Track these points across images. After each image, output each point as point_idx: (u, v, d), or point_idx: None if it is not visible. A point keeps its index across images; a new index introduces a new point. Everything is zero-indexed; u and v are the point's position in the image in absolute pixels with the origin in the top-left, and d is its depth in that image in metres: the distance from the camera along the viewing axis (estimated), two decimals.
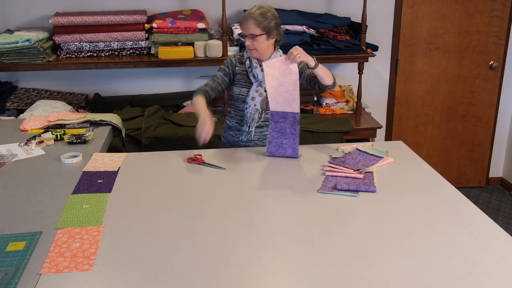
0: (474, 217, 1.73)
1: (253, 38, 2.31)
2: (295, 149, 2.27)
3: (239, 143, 2.51)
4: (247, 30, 2.32)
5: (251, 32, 2.31)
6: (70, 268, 1.44)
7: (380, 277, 1.38)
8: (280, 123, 2.25)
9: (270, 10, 2.34)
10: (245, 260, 1.48)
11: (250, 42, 2.33)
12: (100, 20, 3.22)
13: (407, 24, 3.83)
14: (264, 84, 2.38)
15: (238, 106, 2.48)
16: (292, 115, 2.25)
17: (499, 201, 4.14)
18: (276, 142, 2.26)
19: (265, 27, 2.30)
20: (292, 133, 2.26)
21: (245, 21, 2.31)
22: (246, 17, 2.31)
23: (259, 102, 2.41)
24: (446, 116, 4.11)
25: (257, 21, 2.28)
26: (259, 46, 2.34)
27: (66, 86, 3.62)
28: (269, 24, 2.30)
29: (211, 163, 2.21)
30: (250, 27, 2.30)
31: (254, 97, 2.42)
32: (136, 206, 1.83)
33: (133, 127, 3.07)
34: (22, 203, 1.84)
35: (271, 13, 2.32)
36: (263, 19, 2.28)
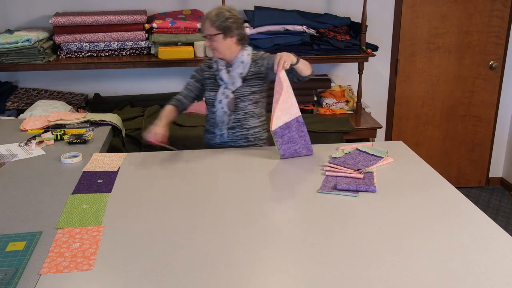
0: (474, 217, 1.73)
1: (210, 38, 2.33)
2: (309, 148, 2.30)
3: (215, 145, 2.53)
4: (204, 31, 2.35)
5: (208, 32, 2.34)
6: (70, 268, 1.44)
7: (380, 277, 1.38)
8: (286, 135, 2.24)
9: (229, 10, 2.35)
10: (245, 260, 1.48)
11: (209, 43, 2.36)
12: (100, 20, 3.22)
13: (407, 24, 3.83)
14: (230, 86, 2.40)
15: (210, 109, 2.50)
16: (295, 121, 2.25)
17: (499, 201, 4.14)
18: (289, 152, 2.26)
19: (219, 26, 2.30)
20: (301, 136, 2.27)
21: (203, 22, 2.35)
22: (203, 18, 2.35)
23: (225, 104, 2.41)
24: (446, 116, 4.11)
25: (212, 21, 2.31)
26: (218, 46, 2.35)
27: (66, 86, 3.62)
28: (224, 23, 2.30)
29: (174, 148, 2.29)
30: (206, 27, 2.34)
31: (221, 100, 2.42)
32: (136, 206, 1.83)
33: (133, 127, 3.07)
34: (22, 203, 1.84)
35: (229, 13, 2.33)
36: (217, 19, 2.30)
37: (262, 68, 2.41)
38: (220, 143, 2.51)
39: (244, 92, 2.41)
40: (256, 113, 2.48)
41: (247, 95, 2.42)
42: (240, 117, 2.44)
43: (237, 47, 2.40)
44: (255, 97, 2.45)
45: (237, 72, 2.39)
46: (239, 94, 2.41)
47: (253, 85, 2.43)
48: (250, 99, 2.43)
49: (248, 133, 2.47)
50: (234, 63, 2.40)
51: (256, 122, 2.49)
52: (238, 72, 2.39)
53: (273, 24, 3.29)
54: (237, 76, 2.39)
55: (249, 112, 2.44)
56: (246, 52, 2.41)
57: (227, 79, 2.39)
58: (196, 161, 2.26)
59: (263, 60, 2.41)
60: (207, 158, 2.30)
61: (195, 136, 3.02)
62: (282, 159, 2.27)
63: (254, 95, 2.44)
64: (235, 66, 2.39)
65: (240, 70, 2.39)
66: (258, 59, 2.42)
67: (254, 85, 2.43)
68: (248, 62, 2.41)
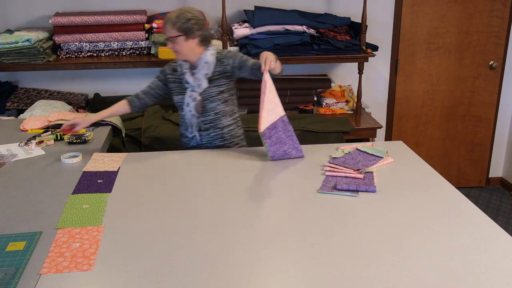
0: (474, 217, 1.73)
1: (172, 40, 2.31)
2: (298, 149, 2.27)
3: (192, 148, 2.52)
4: (166, 33, 2.33)
5: (169, 34, 2.31)
6: (70, 268, 1.44)
7: (380, 277, 1.38)
8: (273, 136, 2.22)
9: (190, 11, 2.32)
10: (245, 260, 1.48)
11: (171, 45, 2.34)
12: (100, 20, 3.22)
13: (407, 24, 3.83)
14: (197, 89, 2.38)
15: (180, 113, 2.50)
16: (280, 120, 2.24)
17: (499, 201, 4.14)
18: (278, 153, 2.25)
19: (180, 28, 2.28)
20: (288, 136, 2.25)
21: (164, 25, 2.32)
22: (164, 21, 2.32)
23: (193, 107, 2.40)
24: (446, 116, 4.11)
25: (172, 23, 2.29)
26: (180, 48, 2.33)
27: (66, 86, 3.62)
28: (185, 25, 2.28)
29: None
30: (167, 30, 2.31)
31: (188, 103, 2.41)
32: (136, 206, 1.83)
33: (133, 127, 3.07)
34: (22, 203, 1.84)
35: (190, 14, 2.31)
36: (178, 21, 2.28)
37: (227, 67, 2.39)
38: (196, 146, 2.50)
39: (211, 92, 2.39)
40: (228, 112, 2.46)
41: (215, 95, 2.40)
42: (212, 117, 2.43)
43: (200, 48, 2.37)
44: (224, 96, 2.42)
45: (202, 73, 2.37)
46: (206, 95, 2.39)
47: (220, 84, 2.40)
48: (218, 99, 2.41)
49: (222, 132, 2.46)
50: (198, 65, 2.37)
51: (229, 120, 2.47)
52: (203, 73, 2.37)
53: (273, 24, 3.29)
54: (203, 78, 2.37)
55: (220, 112, 2.43)
56: (210, 52, 2.38)
57: (193, 81, 2.38)
58: (196, 161, 2.26)
59: (229, 59, 2.39)
60: (208, 158, 2.30)
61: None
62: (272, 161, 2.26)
63: (223, 94, 2.42)
64: (200, 67, 2.37)
65: (205, 71, 2.37)
66: (223, 58, 2.40)
67: (221, 85, 2.40)
68: (213, 62, 2.38)
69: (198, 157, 2.32)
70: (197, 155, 2.35)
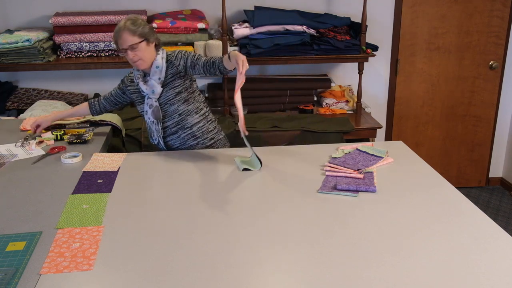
0: (474, 217, 1.73)
1: (134, 48, 2.24)
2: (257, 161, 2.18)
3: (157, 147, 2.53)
4: (125, 43, 2.23)
5: (130, 43, 2.22)
6: (70, 268, 1.44)
7: (380, 277, 1.38)
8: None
9: (138, 17, 2.29)
10: (245, 260, 1.48)
11: (132, 54, 2.25)
12: (100, 20, 3.22)
13: (407, 24, 3.83)
14: (152, 95, 2.36)
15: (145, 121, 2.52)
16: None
17: (499, 201, 4.14)
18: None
19: (141, 33, 2.24)
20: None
21: (119, 35, 2.23)
22: (119, 32, 2.23)
23: (151, 113, 2.39)
24: (446, 116, 4.11)
25: (131, 31, 2.22)
26: (143, 55, 2.28)
27: (66, 86, 3.62)
28: (143, 29, 2.25)
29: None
30: (127, 39, 2.22)
31: (146, 111, 2.41)
32: (136, 206, 1.83)
33: (133, 127, 3.07)
34: (22, 203, 1.84)
35: (140, 19, 2.28)
36: (136, 27, 2.23)
37: (179, 68, 2.35)
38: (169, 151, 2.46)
39: (168, 96, 2.37)
40: (192, 110, 2.43)
41: (172, 97, 2.37)
42: (177, 119, 2.41)
43: (154, 53, 2.34)
44: (183, 96, 2.39)
45: (154, 78, 2.33)
46: (164, 100, 2.37)
47: (175, 86, 2.37)
48: (177, 100, 2.38)
49: (192, 131, 2.44)
50: (150, 71, 2.34)
51: (196, 117, 2.44)
52: (155, 79, 2.33)
53: (273, 24, 3.29)
54: (156, 83, 2.34)
55: (184, 112, 2.40)
56: (160, 56, 2.35)
57: (146, 89, 2.36)
58: (196, 161, 2.26)
59: (180, 60, 2.35)
60: (207, 158, 2.30)
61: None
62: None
63: (181, 95, 2.39)
64: (152, 73, 2.33)
65: (157, 75, 2.33)
66: (173, 60, 2.36)
67: (176, 86, 2.37)
68: (163, 66, 2.34)
69: (198, 157, 2.32)
70: (197, 155, 2.35)
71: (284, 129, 3.15)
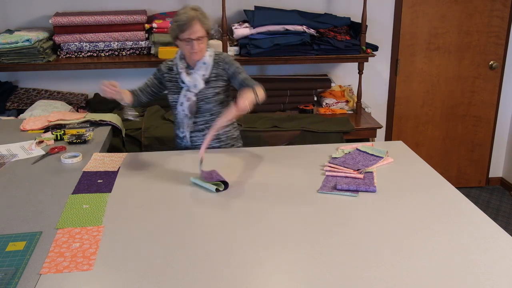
0: (474, 217, 1.73)
1: (199, 40, 2.25)
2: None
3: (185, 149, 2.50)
4: (195, 33, 2.23)
5: (200, 34, 2.24)
6: (70, 268, 1.44)
7: (380, 277, 1.38)
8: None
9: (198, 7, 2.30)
10: (245, 260, 1.48)
11: (196, 45, 2.25)
12: (100, 20, 3.22)
13: (407, 24, 3.83)
14: (193, 89, 2.34)
15: (174, 112, 2.48)
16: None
17: (499, 201, 4.14)
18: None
19: (208, 27, 2.28)
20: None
21: (190, 24, 2.22)
22: (190, 21, 2.22)
23: (187, 107, 2.37)
24: (446, 116, 4.11)
25: (202, 22, 2.24)
26: (203, 47, 2.31)
27: (66, 86, 3.62)
28: (209, 23, 2.28)
29: None
30: (198, 30, 2.23)
31: (182, 102, 2.37)
32: (136, 206, 1.83)
33: (133, 127, 3.07)
34: (22, 203, 1.84)
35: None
36: (206, 19, 2.26)
37: (223, 72, 2.37)
38: (190, 146, 2.47)
39: (207, 94, 2.37)
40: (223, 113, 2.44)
41: (210, 96, 2.37)
42: (207, 118, 2.41)
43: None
44: (220, 98, 2.40)
45: (199, 74, 2.33)
46: (202, 97, 2.37)
47: (217, 86, 2.38)
48: (215, 100, 2.38)
49: (219, 134, 2.44)
50: (196, 65, 2.34)
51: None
52: (200, 74, 2.33)
53: (273, 24, 3.29)
54: (199, 78, 2.33)
55: (216, 113, 2.40)
56: (208, 53, 2.35)
57: (189, 81, 2.34)
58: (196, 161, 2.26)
59: (225, 64, 2.37)
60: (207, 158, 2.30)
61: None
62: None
63: (219, 96, 2.39)
64: (198, 67, 2.34)
65: (202, 71, 2.33)
66: (220, 62, 2.37)
67: (217, 87, 2.38)
68: (210, 64, 2.35)
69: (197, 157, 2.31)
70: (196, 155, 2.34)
71: (284, 129, 3.15)
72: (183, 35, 2.25)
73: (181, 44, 2.30)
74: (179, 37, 2.27)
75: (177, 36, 2.28)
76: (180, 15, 2.26)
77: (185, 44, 2.28)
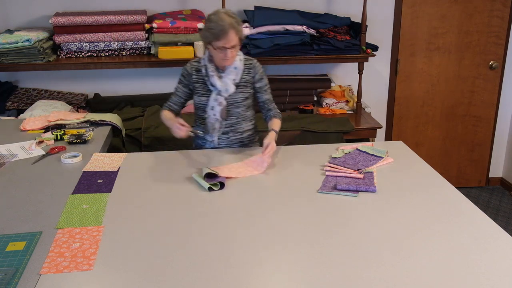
0: (474, 217, 1.73)
1: (233, 48, 2.22)
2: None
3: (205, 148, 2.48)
4: (229, 42, 2.18)
5: (234, 43, 2.20)
6: (70, 268, 1.44)
7: (380, 277, 1.38)
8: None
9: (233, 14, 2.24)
10: (245, 260, 1.48)
11: (230, 53, 2.22)
12: (100, 20, 3.22)
13: (407, 24, 3.83)
14: (224, 93, 2.32)
15: (200, 115, 2.42)
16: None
17: (499, 201, 4.14)
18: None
19: (241, 34, 2.25)
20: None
21: (226, 33, 2.16)
22: (227, 29, 2.16)
23: (218, 111, 2.34)
24: (446, 116, 4.11)
25: (237, 30, 2.19)
26: (235, 55, 2.29)
27: (66, 86, 3.61)
28: (242, 29, 2.26)
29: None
30: (233, 39, 2.19)
31: (213, 106, 2.33)
32: (136, 206, 1.83)
33: (133, 127, 3.07)
34: (22, 203, 1.84)
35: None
36: (240, 27, 2.22)
37: (252, 80, 2.38)
38: (213, 148, 2.46)
39: (237, 98, 2.36)
40: (248, 117, 2.45)
41: (240, 101, 2.37)
42: (233, 121, 2.40)
43: None
44: (248, 102, 2.42)
45: (230, 78, 2.31)
46: (232, 101, 2.36)
47: (246, 92, 2.38)
48: (243, 104, 2.39)
49: (242, 137, 2.45)
50: (227, 69, 2.32)
51: (249, 125, 2.47)
52: (231, 78, 2.32)
53: (273, 24, 3.29)
54: (230, 83, 2.32)
55: (242, 116, 2.41)
56: (239, 58, 2.34)
57: (220, 85, 2.31)
58: (196, 161, 2.26)
59: (255, 74, 2.38)
60: (207, 158, 2.30)
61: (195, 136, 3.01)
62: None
63: (247, 101, 2.41)
64: (228, 72, 2.31)
65: (233, 76, 2.32)
66: (250, 68, 2.38)
67: (246, 92, 2.38)
68: (241, 69, 2.34)
69: (197, 157, 2.32)
70: (196, 155, 2.35)
71: (284, 129, 3.15)
72: (217, 44, 2.20)
73: (213, 50, 2.25)
74: (212, 44, 2.22)
75: (210, 42, 2.23)
76: (215, 22, 2.18)
77: (218, 52, 2.23)
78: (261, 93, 2.42)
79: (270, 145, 2.20)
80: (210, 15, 2.24)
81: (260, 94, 2.42)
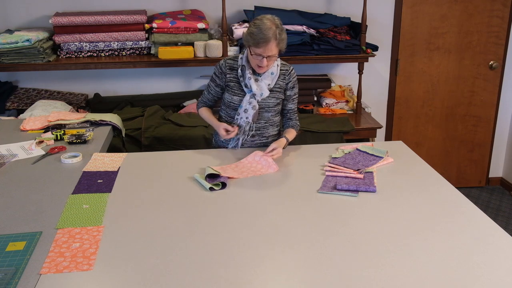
0: (474, 217, 1.73)
1: (270, 57, 2.20)
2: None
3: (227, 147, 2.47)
4: (267, 52, 2.16)
5: (272, 53, 2.18)
6: (70, 268, 1.44)
7: (380, 277, 1.38)
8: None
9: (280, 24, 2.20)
10: (245, 260, 1.48)
11: (266, 62, 2.20)
12: (100, 20, 3.22)
13: (407, 24, 3.83)
14: (257, 97, 2.31)
15: (229, 113, 2.40)
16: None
17: (499, 201, 4.14)
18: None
19: (282, 47, 2.22)
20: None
21: (266, 43, 2.14)
22: (268, 40, 2.13)
23: (251, 115, 2.33)
24: (446, 116, 4.11)
25: (278, 42, 2.16)
26: (271, 64, 2.27)
27: (66, 86, 3.62)
28: (284, 43, 2.21)
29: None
30: (271, 49, 2.16)
31: (247, 109, 2.32)
32: (136, 206, 1.83)
33: (133, 127, 3.07)
34: (22, 203, 1.84)
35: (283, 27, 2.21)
36: (282, 38, 2.17)
37: (285, 86, 2.37)
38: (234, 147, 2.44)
39: (269, 103, 2.35)
40: (276, 122, 2.45)
41: (272, 106, 2.37)
42: (261, 125, 2.39)
43: None
44: (278, 108, 2.41)
45: (265, 82, 2.30)
46: (264, 105, 2.34)
47: (278, 97, 2.37)
48: (274, 110, 2.39)
49: (267, 141, 2.43)
50: (263, 73, 2.30)
51: (275, 130, 2.47)
52: (266, 83, 2.30)
53: None
54: (265, 87, 2.30)
55: (270, 121, 2.41)
56: (276, 63, 2.32)
57: (256, 89, 2.28)
58: (196, 161, 2.26)
59: (288, 82, 2.37)
60: (207, 158, 2.30)
61: (195, 136, 3.02)
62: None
63: (278, 106, 2.40)
64: (265, 76, 2.30)
65: (268, 81, 2.31)
66: (286, 74, 2.36)
67: (278, 97, 2.37)
68: (277, 75, 2.33)
69: (198, 157, 2.32)
70: (196, 155, 2.35)
71: None
72: (256, 50, 2.18)
73: (250, 54, 2.23)
74: (251, 48, 2.21)
75: (249, 46, 2.21)
76: (258, 28, 2.15)
77: (254, 58, 2.21)
78: (289, 102, 2.42)
79: (276, 150, 2.22)
80: (256, 20, 2.21)
81: (286, 101, 2.42)
